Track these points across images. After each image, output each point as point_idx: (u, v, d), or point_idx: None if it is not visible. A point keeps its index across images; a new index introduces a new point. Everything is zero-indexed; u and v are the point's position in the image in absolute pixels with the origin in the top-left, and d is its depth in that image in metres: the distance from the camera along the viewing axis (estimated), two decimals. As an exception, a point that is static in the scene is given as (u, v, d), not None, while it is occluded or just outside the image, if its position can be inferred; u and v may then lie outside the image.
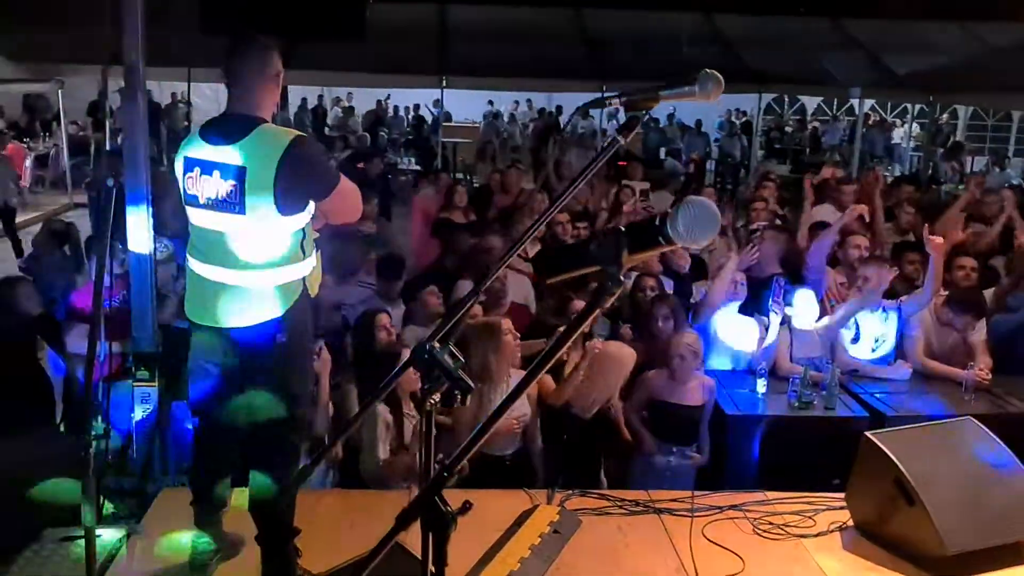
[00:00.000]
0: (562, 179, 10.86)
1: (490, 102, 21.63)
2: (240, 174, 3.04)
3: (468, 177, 17.76)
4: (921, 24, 19.14)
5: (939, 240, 5.56)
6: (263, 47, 3.20)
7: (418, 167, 17.80)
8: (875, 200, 7.69)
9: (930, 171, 18.15)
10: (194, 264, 3.24)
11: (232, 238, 3.11)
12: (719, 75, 1.70)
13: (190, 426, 3.73)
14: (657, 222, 1.53)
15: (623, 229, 1.61)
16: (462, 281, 6.31)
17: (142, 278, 4.68)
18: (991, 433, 4.01)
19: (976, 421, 4.05)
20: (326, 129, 20.67)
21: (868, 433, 3.88)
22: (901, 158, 20.66)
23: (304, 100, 21.11)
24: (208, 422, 3.37)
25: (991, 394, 5.37)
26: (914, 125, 20.73)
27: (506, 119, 21.76)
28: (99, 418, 4.32)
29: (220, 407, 3.28)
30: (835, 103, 23.90)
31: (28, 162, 17.02)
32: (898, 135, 21.92)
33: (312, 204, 3.19)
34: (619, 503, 4.04)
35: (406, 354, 4.52)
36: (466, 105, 21.21)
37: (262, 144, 3.05)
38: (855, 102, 19.14)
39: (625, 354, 5.07)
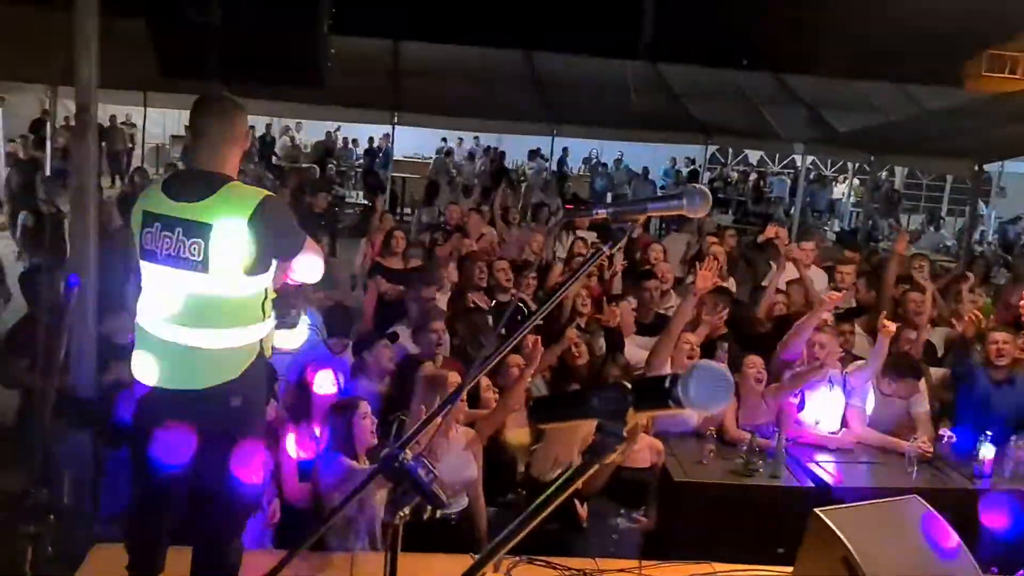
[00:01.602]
0: (509, 224, 10.87)
1: (443, 139, 21.61)
2: (205, 232, 2.96)
3: (414, 212, 17.65)
4: (861, 84, 19.73)
5: (892, 328, 5.67)
6: (233, 107, 3.15)
7: (366, 202, 17.68)
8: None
9: (869, 227, 18.54)
10: (146, 323, 3.13)
11: (191, 297, 3.03)
12: (706, 191, 1.69)
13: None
14: (667, 383, 1.50)
15: (629, 386, 1.56)
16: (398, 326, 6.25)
17: (83, 316, 4.53)
18: (936, 513, 4.06)
19: (921, 500, 4.09)
20: (274, 158, 20.43)
21: (818, 510, 3.87)
22: (841, 214, 21.09)
23: (251, 128, 20.82)
24: (152, 486, 3.24)
25: (933, 467, 5.43)
26: (854, 181, 21.23)
27: (459, 157, 21.75)
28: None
29: (167, 472, 3.17)
30: (777, 157, 24.38)
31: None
32: (838, 191, 22.41)
33: (274, 264, 3.11)
34: (566, 573, 3.98)
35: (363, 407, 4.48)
36: (416, 140, 21.18)
37: (230, 203, 3.00)
38: (797, 156, 19.55)
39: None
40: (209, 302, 3.02)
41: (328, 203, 11.96)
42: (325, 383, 4.91)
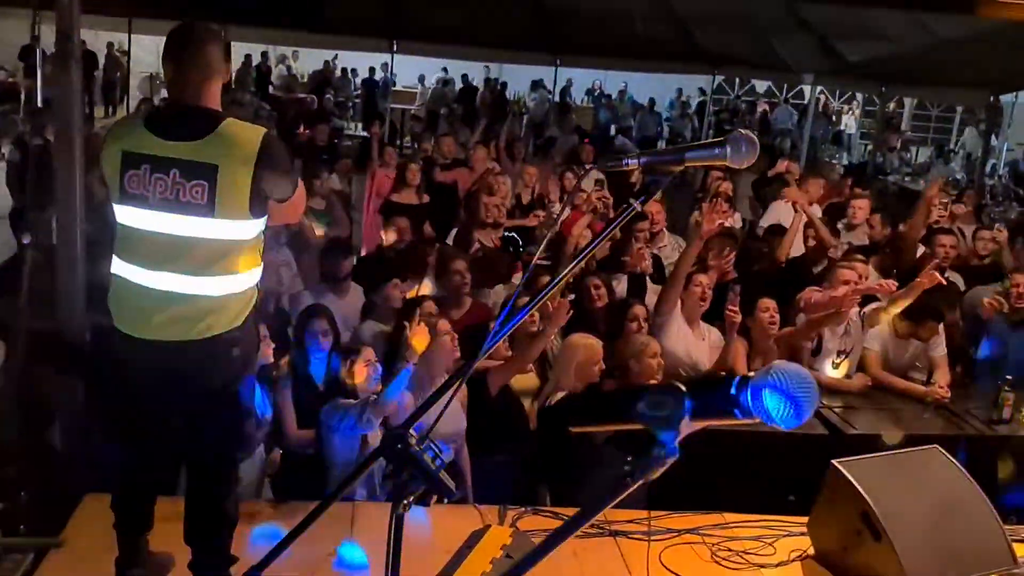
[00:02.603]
0: (514, 159, 10.59)
1: (444, 69, 21.15)
2: (209, 172, 2.77)
3: (415, 145, 17.32)
4: (873, 12, 19.12)
5: (935, 280, 5.39)
6: (210, 34, 2.94)
7: (366, 134, 17.34)
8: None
9: (879, 160, 18.21)
10: (129, 271, 2.93)
11: (195, 243, 2.83)
12: (754, 138, 1.48)
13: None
14: (733, 388, 1.28)
15: (684, 388, 1.35)
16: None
17: (69, 251, 4.34)
18: (957, 463, 3.94)
19: (942, 451, 3.97)
20: (270, 88, 20.04)
21: (836, 462, 3.75)
22: (850, 147, 20.74)
23: (248, 57, 20.42)
24: (141, 442, 3.09)
25: (950, 411, 5.28)
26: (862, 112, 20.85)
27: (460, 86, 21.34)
28: None
29: (157, 426, 3.01)
30: (785, 87, 23.90)
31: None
32: (846, 122, 22.01)
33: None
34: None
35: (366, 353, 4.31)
36: (415, 70, 20.76)
37: (234, 142, 2.81)
38: (806, 87, 19.12)
39: (592, 343, 4.82)
40: (215, 247, 2.84)
41: (328, 136, 11.60)
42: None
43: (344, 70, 21.51)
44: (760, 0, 19.26)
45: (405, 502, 1.49)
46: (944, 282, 5.49)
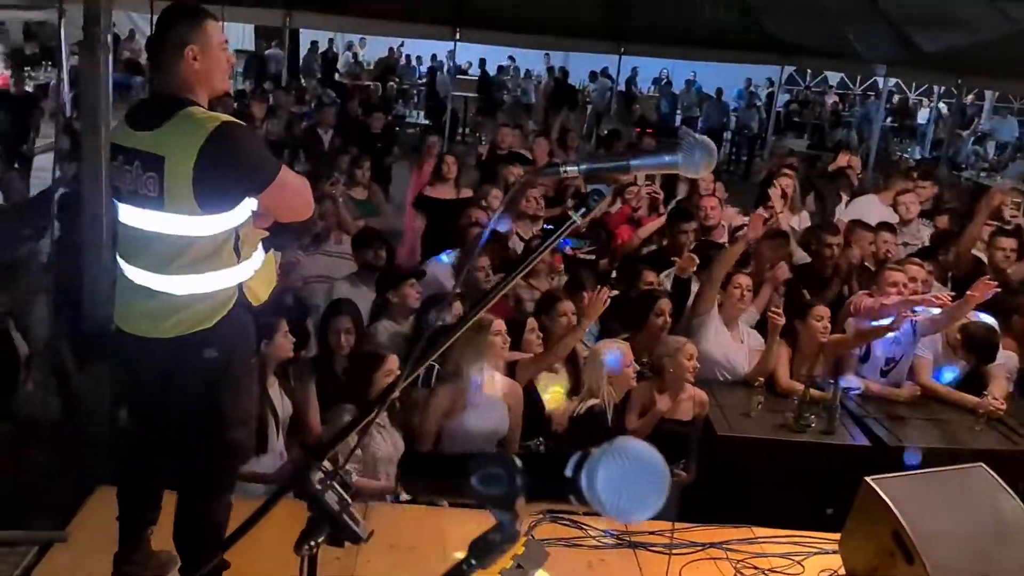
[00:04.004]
0: (567, 149, 10.41)
1: (510, 57, 20.97)
2: (158, 165, 2.66)
3: (477, 135, 17.23)
4: (952, 0, 18.43)
5: (991, 289, 5.06)
6: (191, 16, 2.78)
7: (427, 121, 17.31)
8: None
9: (951, 154, 17.57)
10: (121, 264, 2.88)
11: (153, 237, 2.74)
12: (710, 144, 1.32)
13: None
14: (571, 468, 1.11)
15: (519, 464, 1.18)
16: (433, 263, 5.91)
17: (96, 240, 4.32)
18: (1005, 485, 3.69)
19: (988, 470, 3.72)
20: (336, 75, 20.10)
21: (869, 479, 3.54)
22: (924, 140, 20.05)
23: (314, 44, 20.51)
24: (137, 435, 3.05)
25: (1003, 424, 4.99)
26: (940, 106, 20.13)
27: (522, 74, 21.14)
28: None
29: (147, 420, 2.96)
30: (858, 79, 23.21)
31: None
32: (922, 116, 21.28)
33: (249, 200, 2.80)
34: (592, 533, 3.71)
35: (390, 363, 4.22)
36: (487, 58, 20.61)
37: (182, 131, 2.67)
38: (879, 79, 18.51)
39: (621, 347, 4.68)
40: (170, 243, 2.72)
41: (385, 124, 11.50)
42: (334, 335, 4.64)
43: (408, 57, 21.48)
44: (833, -13, 18.80)
45: (310, 544, 1.35)
46: (998, 288, 5.17)
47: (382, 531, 3.42)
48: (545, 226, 6.49)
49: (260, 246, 2.92)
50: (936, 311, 5.27)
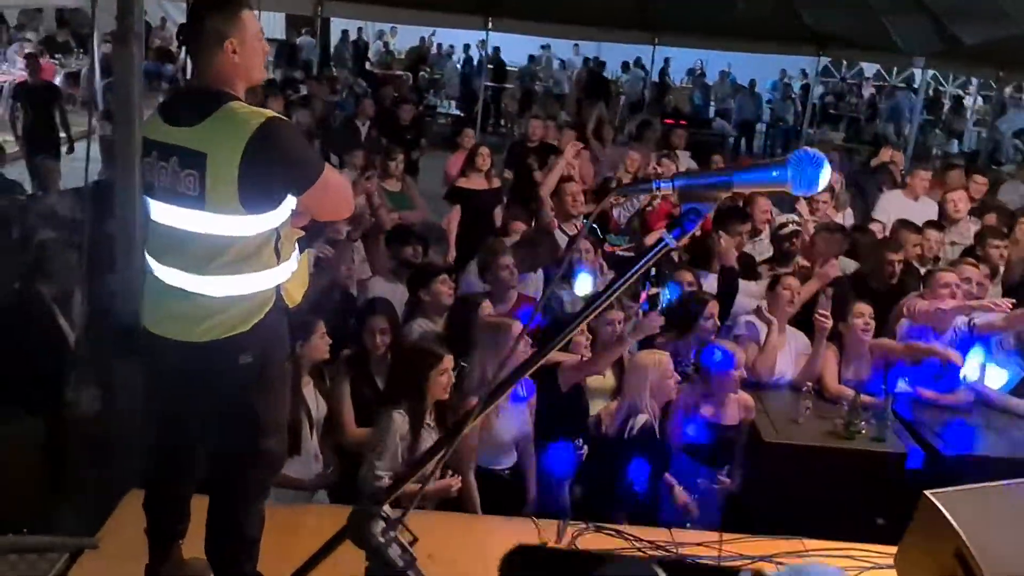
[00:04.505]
0: (603, 141, 10.24)
1: (542, 47, 20.75)
2: (200, 162, 2.54)
3: (510, 126, 17.09)
4: (992, -9, 18.07)
5: None
6: (220, 8, 2.65)
7: (459, 112, 17.19)
8: None
9: (991, 148, 17.24)
10: (152, 264, 2.76)
11: (191, 237, 2.62)
12: (821, 156, 1.17)
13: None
14: None
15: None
16: (467, 276, 5.77)
17: (128, 233, 4.25)
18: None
19: (1055, 484, 3.56)
20: (367, 64, 20.01)
21: (929, 493, 3.37)
22: (962, 133, 19.69)
23: (345, 32, 20.43)
24: (164, 440, 2.94)
25: (1062, 434, 4.81)
26: (977, 99, 19.76)
27: (556, 64, 20.93)
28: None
29: (175, 427, 2.85)
30: (894, 70, 22.83)
31: (58, 80, 16.51)
32: (960, 108, 20.90)
33: (290, 199, 2.68)
34: (637, 545, 3.57)
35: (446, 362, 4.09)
36: (516, 48, 20.42)
37: (226, 127, 2.54)
38: (917, 71, 18.19)
39: (660, 359, 4.54)
40: (209, 243, 2.60)
41: (414, 115, 11.34)
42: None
43: (440, 46, 21.34)
44: (871, -23, 18.46)
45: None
46: None
47: (420, 540, 3.33)
48: (584, 220, 6.33)
49: (296, 246, 2.81)
50: (995, 316, 5.09)
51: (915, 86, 19.36)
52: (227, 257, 2.61)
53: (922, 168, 8.22)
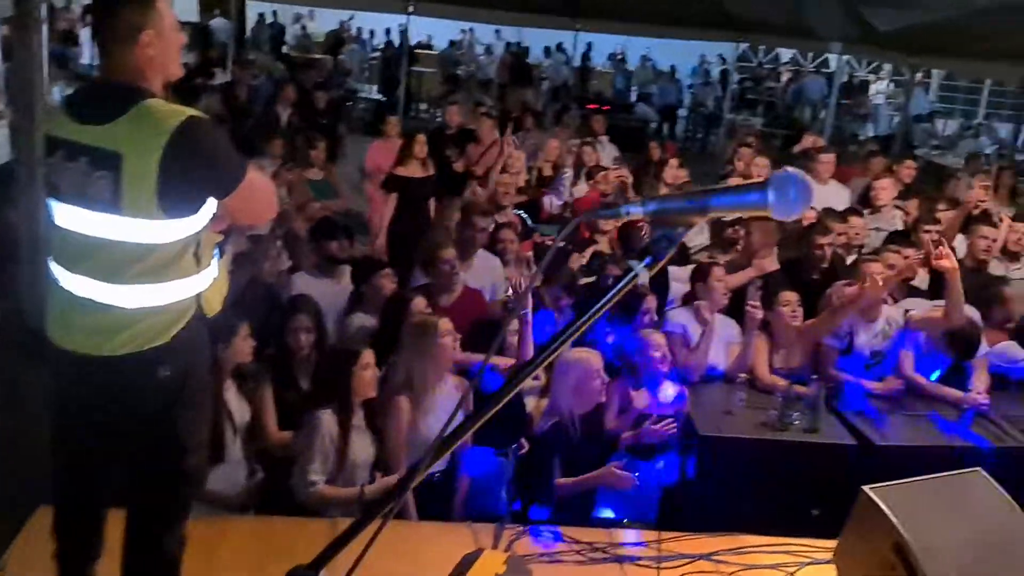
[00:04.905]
0: (528, 129, 10.14)
1: (462, 31, 20.55)
2: (114, 163, 2.34)
3: (433, 111, 16.85)
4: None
5: (952, 262, 4.89)
6: None
7: (381, 96, 16.91)
8: None
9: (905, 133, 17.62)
10: (58, 272, 2.55)
11: (104, 244, 2.42)
12: (805, 178, 1.08)
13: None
14: None
15: None
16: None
17: (33, 234, 4.02)
18: (1002, 491, 3.57)
19: (986, 475, 3.60)
20: (283, 47, 19.56)
21: (867, 488, 3.38)
22: (877, 118, 20.11)
23: (261, 16, 19.93)
24: (76, 469, 2.73)
25: (988, 421, 4.87)
26: (891, 84, 20.20)
27: (479, 49, 20.77)
28: None
29: (90, 453, 2.65)
30: (809, 56, 23.20)
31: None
32: (873, 91, 21.34)
33: (211, 203, 2.51)
34: (576, 547, 3.50)
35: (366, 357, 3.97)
36: (436, 32, 20.22)
37: (143, 126, 2.35)
38: (832, 56, 18.50)
39: (586, 358, 4.43)
40: (124, 251, 2.41)
41: (329, 101, 11.00)
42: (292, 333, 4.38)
43: (359, 31, 20.94)
44: (788, -35, 18.70)
45: None
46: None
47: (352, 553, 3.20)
48: (514, 210, 6.23)
49: (216, 251, 2.63)
50: (931, 307, 5.14)
51: (830, 71, 19.66)
52: (144, 265, 2.42)
53: (825, 152, 8.27)
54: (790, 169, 1.15)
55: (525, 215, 6.49)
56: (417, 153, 7.29)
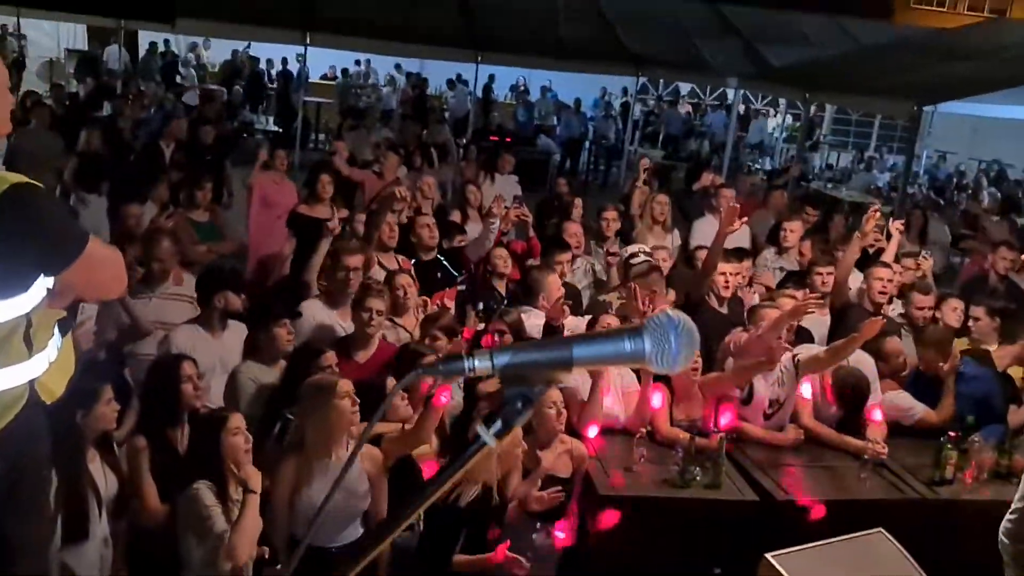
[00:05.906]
0: (431, 163, 9.96)
1: (357, 61, 20.26)
2: None
3: (327, 140, 16.48)
4: (798, 17, 18.99)
5: (880, 324, 4.91)
6: None
7: (276, 127, 16.48)
8: None
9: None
10: None
11: None
12: (691, 325, 0.92)
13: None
14: None
15: None
16: (311, 302, 5.32)
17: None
18: (903, 550, 3.52)
19: (887, 535, 3.56)
20: (177, 77, 18.95)
21: (769, 556, 3.30)
22: (772, 150, 20.53)
23: (153, 44, 19.31)
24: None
25: (889, 470, 4.81)
26: (787, 117, 20.68)
27: (383, 80, 20.50)
28: None
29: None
30: (708, 89, 23.62)
31: None
32: (770, 125, 21.78)
33: (44, 279, 2.25)
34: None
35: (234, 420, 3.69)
36: (333, 63, 19.89)
37: None
38: (730, 91, 18.86)
39: None
40: None
41: (216, 136, 10.37)
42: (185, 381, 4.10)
43: (256, 61, 20.45)
44: (685, 3, 19.03)
45: None
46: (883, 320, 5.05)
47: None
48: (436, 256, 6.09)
49: (56, 330, 2.35)
50: (819, 349, 5.09)
51: (728, 104, 20.01)
52: None
53: (726, 188, 8.30)
54: (670, 311, 0.98)
55: (444, 260, 6.27)
56: (322, 193, 6.95)
